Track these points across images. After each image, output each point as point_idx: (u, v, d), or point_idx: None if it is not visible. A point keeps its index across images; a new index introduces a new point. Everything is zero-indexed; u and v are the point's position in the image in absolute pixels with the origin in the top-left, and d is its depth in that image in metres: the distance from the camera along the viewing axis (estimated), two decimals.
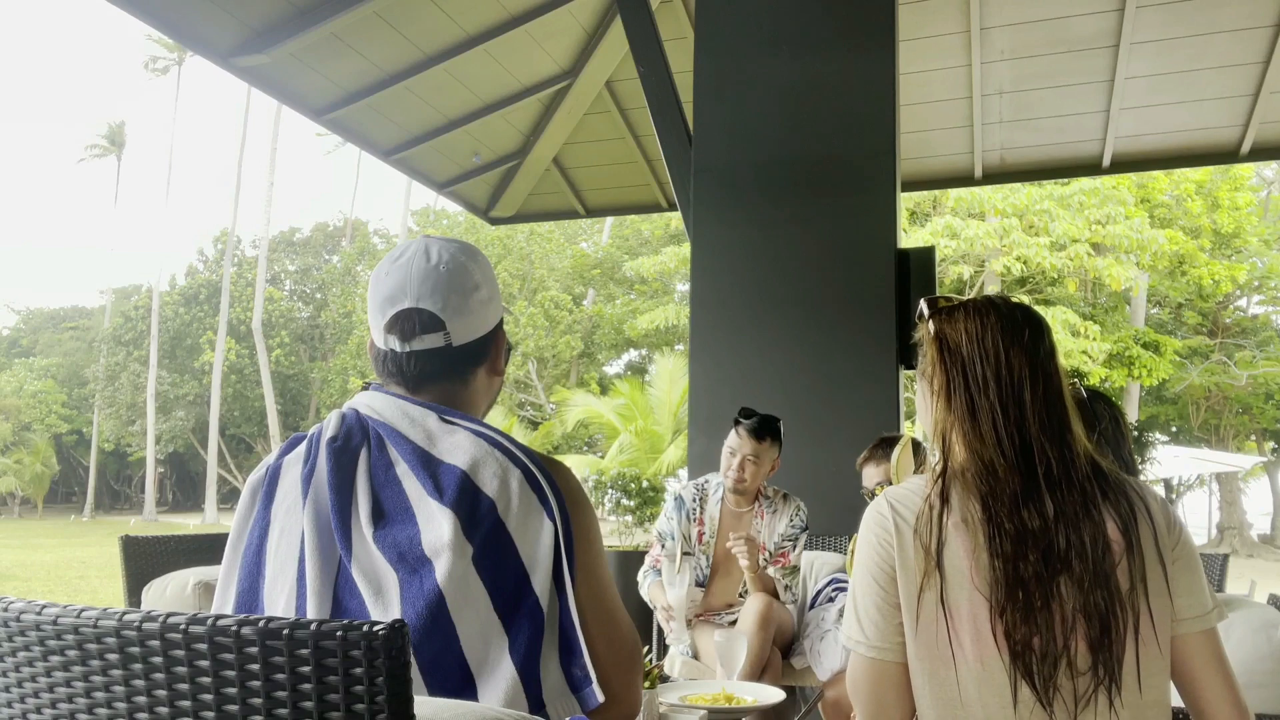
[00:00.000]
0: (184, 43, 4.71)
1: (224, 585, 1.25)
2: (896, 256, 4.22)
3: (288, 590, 1.18)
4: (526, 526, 1.17)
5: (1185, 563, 1.30)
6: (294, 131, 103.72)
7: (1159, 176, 19.12)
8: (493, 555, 1.15)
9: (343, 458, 1.22)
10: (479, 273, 1.35)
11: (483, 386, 1.38)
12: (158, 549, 3.00)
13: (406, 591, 1.12)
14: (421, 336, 1.30)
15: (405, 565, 1.14)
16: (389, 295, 1.32)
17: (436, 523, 1.15)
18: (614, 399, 14.54)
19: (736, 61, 4.54)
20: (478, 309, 1.33)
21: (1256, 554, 23.46)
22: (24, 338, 47.49)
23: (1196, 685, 1.28)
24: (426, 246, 1.34)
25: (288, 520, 1.23)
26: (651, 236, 27.91)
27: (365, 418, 1.27)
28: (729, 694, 2.24)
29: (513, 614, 1.14)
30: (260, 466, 1.32)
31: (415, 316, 1.30)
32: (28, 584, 14.39)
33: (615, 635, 1.28)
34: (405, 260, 1.32)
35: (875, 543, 1.32)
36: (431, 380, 1.32)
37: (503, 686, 1.11)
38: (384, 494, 1.20)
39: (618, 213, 9.13)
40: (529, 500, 1.19)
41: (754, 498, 3.17)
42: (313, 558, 1.17)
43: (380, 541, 1.16)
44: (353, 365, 32.75)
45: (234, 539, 1.27)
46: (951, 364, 1.35)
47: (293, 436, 1.33)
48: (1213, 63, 5.21)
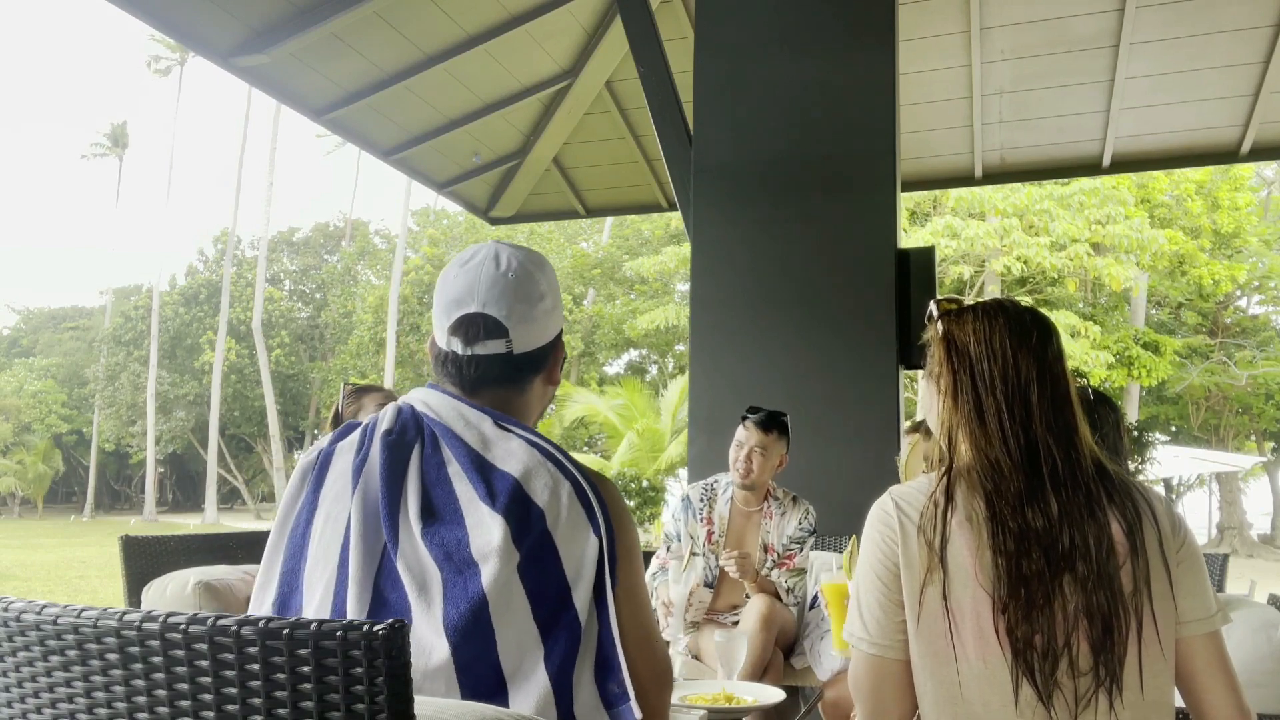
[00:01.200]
0: (184, 43, 4.71)
1: (268, 565, 1.26)
2: (896, 256, 4.22)
3: (327, 577, 1.18)
4: (573, 539, 1.18)
5: (1189, 566, 1.29)
6: (294, 132, 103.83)
7: (1159, 176, 19.12)
8: (537, 565, 1.16)
9: (396, 451, 1.23)
10: (545, 282, 1.35)
11: (538, 395, 1.39)
12: (158, 549, 3.00)
13: (450, 591, 1.13)
14: (485, 341, 1.31)
15: (451, 565, 1.15)
16: (456, 298, 1.32)
17: (486, 527, 1.16)
18: (613, 399, 14.54)
19: (736, 61, 4.54)
20: (541, 318, 1.34)
21: (1256, 554, 23.47)
22: (24, 338, 47.49)
23: (1199, 687, 1.28)
24: (496, 252, 1.34)
25: (335, 507, 1.23)
26: (651, 236, 27.91)
27: (421, 414, 1.28)
28: (729, 694, 2.24)
29: (552, 625, 1.15)
30: (312, 449, 1.33)
31: (480, 321, 1.31)
32: (28, 584, 14.40)
33: (652, 654, 1.29)
34: (475, 264, 1.33)
35: (879, 540, 1.33)
36: (489, 385, 1.32)
37: (535, 696, 1.12)
38: (435, 492, 1.21)
39: (618, 213, 9.14)
40: (577, 513, 1.20)
41: (763, 497, 3.15)
42: (357, 547, 1.17)
43: (428, 539, 1.17)
44: (353, 365, 32.75)
45: (281, 519, 1.28)
46: (959, 364, 1.36)
47: (347, 423, 1.33)
48: (1213, 63, 5.20)
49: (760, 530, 3.12)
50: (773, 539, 3.11)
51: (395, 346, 31.07)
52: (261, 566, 1.27)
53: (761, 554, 3.10)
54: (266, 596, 1.23)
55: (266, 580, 1.25)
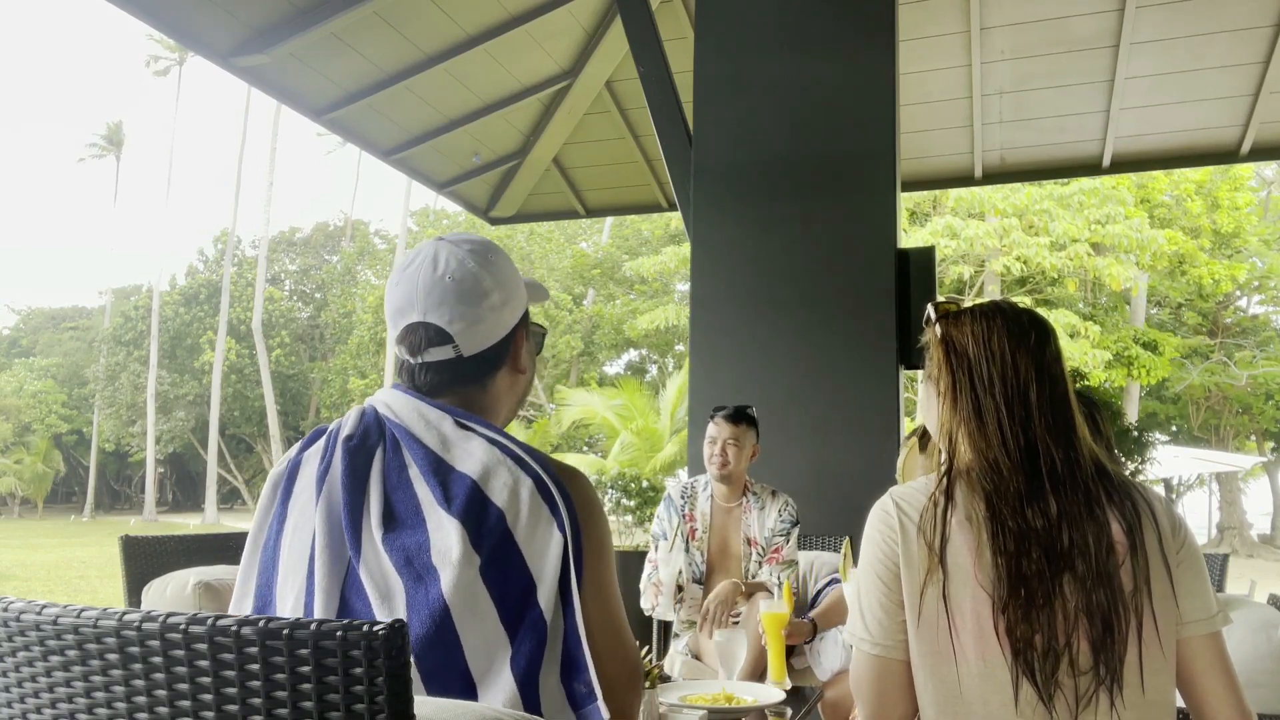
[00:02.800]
0: (184, 43, 4.71)
1: (244, 579, 1.25)
2: (896, 256, 4.22)
3: (297, 588, 1.18)
4: (534, 537, 1.16)
5: (1190, 566, 1.30)
6: (294, 132, 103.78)
7: (1159, 176, 19.12)
8: (500, 566, 1.14)
9: (358, 457, 1.21)
10: (489, 278, 1.30)
11: (504, 387, 1.36)
12: (158, 549, 3.00)
13: (412, 599, 1.12)
14: (430, 349, 1.28)
15: (411, 572, 1.13)
16: (398, 307, 1.30)
17: (445, 531, 1.14)
18: (612, 399, 14.52)
19: (736, 61, 4.54)
20: (489, 316, 1.30)
21: (1256, 554, 23.48)
22: (24, 338, 47.48)
23: (1199, 688, 1.28)
24: (435, 253, 1.30)
25: (301, 517, 1.22)
26: (651, 236, 27.91)
27: (384, 418, 1.26)
28: (729, 694, 2.24)
29: (517, 625, 1.13)
30: (282, 460, 1.31)
31: (421, 331, 1.28)
32: (28, 584, 14.39)
33: (621, 651, 1.26)
34: (413, 270, 1.30)
35: (880, 540, 1.33)
36: (447, 387, 1.30)
37: (501, 697, 1.11)
38: (395, 496, 1.19)
39: (618, 213, 9.14)
40: (539, 510, 1.17)
41: (741, 492, 3.26)
42: (322, 556, 1.16)
43: (389, 545, 1.15)
44: (352, 365, 32.74)
45: (254, 532, 1.27)
46: (958, 365, 1.36)
47: (316, 429, 1.31)
48: (1213, 63, 5.20)
49: (742, 525, 3.23)
50: (755, 532, 3.20)
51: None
52: (238, 580, 1.26)
53: (745, 547, 3.20)
54: (242, 610, 1.22)
55: (243, 594, 1.24)
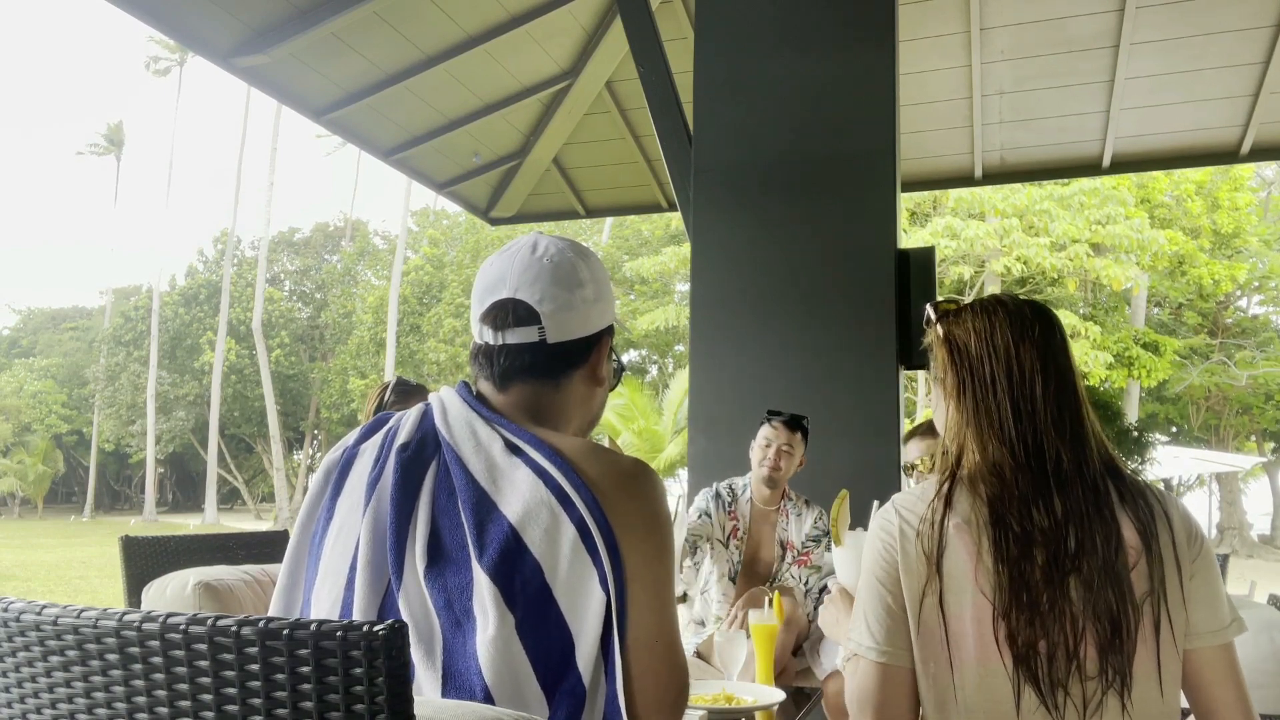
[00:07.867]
0: (184, 43, 4.71)
1: (292, 568, 1.20)
2: (896, 256, 4.22)
3: (335, 594, 1.14)
4: (574, 590, 1.08)
5: (1204, 576, 1.27)
6: (294, 132, 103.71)
7: (1159, 177, 19.13)
8: (537, 623, 1.07)
9: (411, 470, 1.16)
10: (586, 271, 1.27)
11: (578, 395, 1.29)
12: (158, 549, 2.99)
13: (450, 645, 1.07)
14: (515, 329, 1.23)
15: (450, 616, 1.08)
16: (488, 285, 1.26)
17: (481, 584, 1.08)
18: (613, 399, 14.54)
19: (736, 61, 4.54)
20: (580, 307, 1.25)
21: (1256, 554, 23.48)
22: (24, 338, 47.49)
23: (1209, 697, 1.26)
24: (535, 240, 1.28)
25: (348, 519, 1.17)
26: (651, 236, 27.92)
27: (439, 431, 1.20)
28: (729, 694, 2.24)
29: (554, 690, 1.07)
30: (338, 447, 1.26)
31: (510, 307, 1.23)
32: (28, 584, 14.39)
33: (672, 670, 1.18)
34: (511, 252, 1.27)
35: (880, 548, 1.32)
36: (520, 377, 1.24)
37: None
38: (442, 523, 1.13)
39: (618, 213, 9.13)
40: (581, 562, 1.09)
41: (780, 497, 3.32)
42: (364, 573, 1.12)
43: (430, 582, 1.10)
44: (352, 365, 32.74)
45: (303, 520, 1.22)
46: (961, 364, 1.34)
47: (378, 416, 1.26)
48: (1213, 63, 5.20)
49: (778, 529, 3.29)
50: (791, 536, 3.27)
51: (395, 347, 31.07)
52: (284, 567, 1.22)
53: (779, 550, 3.27)
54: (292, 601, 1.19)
55: (292, 583, 1.20)
